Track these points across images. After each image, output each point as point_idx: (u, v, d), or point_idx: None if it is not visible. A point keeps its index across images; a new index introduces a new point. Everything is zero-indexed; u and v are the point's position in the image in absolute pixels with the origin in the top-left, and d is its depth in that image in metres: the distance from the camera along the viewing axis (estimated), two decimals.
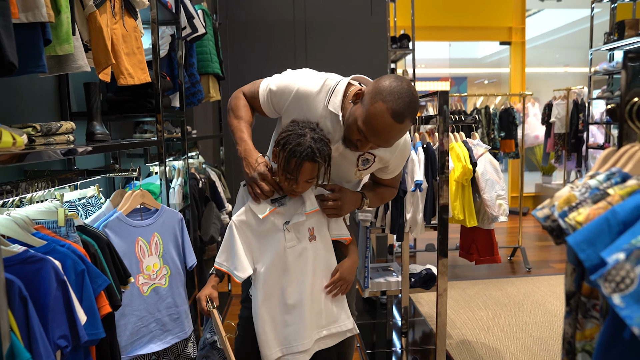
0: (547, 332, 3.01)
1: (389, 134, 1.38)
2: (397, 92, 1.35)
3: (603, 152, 0.94)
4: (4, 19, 0.95)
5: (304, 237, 1.53)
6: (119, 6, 1.73)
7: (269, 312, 1.52)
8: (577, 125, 5.25)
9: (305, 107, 1.55)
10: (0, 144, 0.95)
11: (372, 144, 1.43)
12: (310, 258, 1.53)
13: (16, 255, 1.06)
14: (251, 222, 1.52)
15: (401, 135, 1.44)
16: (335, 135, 1.54)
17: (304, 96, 1.54)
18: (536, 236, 5.51)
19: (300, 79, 1.57)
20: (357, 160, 1.60)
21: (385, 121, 1.34)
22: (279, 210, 1.52)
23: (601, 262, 0.72)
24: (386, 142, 1.42)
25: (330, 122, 1.54)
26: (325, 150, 1.45)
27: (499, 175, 2.40)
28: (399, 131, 1.39)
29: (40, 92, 1.89)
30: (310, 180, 1.47)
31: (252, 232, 1.52)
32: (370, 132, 1.38)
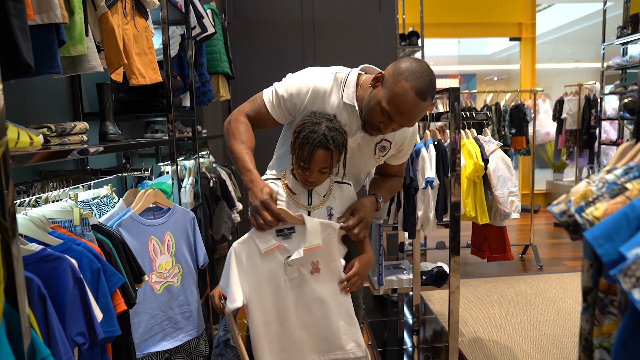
0: (560, 330, 2.99)
1: (414, 112, 1.42)
2: (419, 72, 1.40)
3: (620, 147, 0.93)
4: (20, 21, 0.96)
5: (306, 270, 1.49)
6: (130, 7, 1.74)
7: (267, 340, 1.48)
8: (589, 122, 5.20)
9: (321, 104, 1.57)
10: (18, 144, 0.96)
11: (396, 124, 1.47)
12: (311, 289, 1.50)
13: (34, 253, 1.08)
14: (252, 252, 1.47)
15: (424, 113, 1.47)
16: (352, 126, 1.58)
17: (320, 94, 1.57)
18: (548, 233, 5.46)
19: (311, 77, 1.59)
20: (375, 148, 1.65)
21: (410, 99, 1.39)
22: (283, 246, 1.48)
23: (620, 257, 0.71)
24: (410, 121, 1.46)
25: (347, 114, 1.57)
26: (339, 139, 1.44)
27: (510, 172, 2.38)
28: (423, 109, 1.43)
29: (53, 92, 1.91)
30: (323, 170, 1.45)
31: (251, 262, 1.47)
32: (395, 112, 1.42)
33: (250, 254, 1.47)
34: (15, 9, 0.96)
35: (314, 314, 1.51)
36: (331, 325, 1.51)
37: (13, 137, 0.96)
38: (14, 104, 1.63)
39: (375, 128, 1.51)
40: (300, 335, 1.50)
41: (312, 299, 1.50)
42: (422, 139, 2.36)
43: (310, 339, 1.51)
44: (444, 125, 2.85)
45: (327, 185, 1.58)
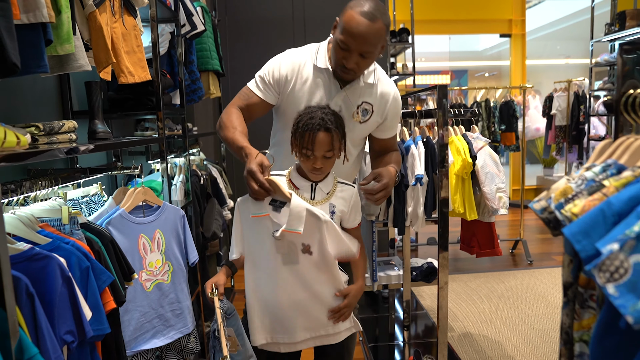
0: (548, 324, 3.03)
1: (365, 33, 1.48)
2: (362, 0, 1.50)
3: (599, 144, 0.95)
4: (6, 20, 0.96)
5: (297, 249, 1.47)
6: (118, 5, 1.73)
7: (259, 301, 1.51)
8: (578, 117, 5.25)
9: (299, 74, 1.66)
10: (5, 143, 0.96)
11: (355, 53, 1.51)
12: (304, 270, 1.48)
13: (22, 252, 1.08)
14: (246, 212, 1.49)
15: (378, 36, 1.50)
16: (331, 89, 1.65)
17: (296, 64, 1.67)
18: (537, 229, 5.52)
19: (287, 53, 1.73)
20: (356, 110, 1.67)
21: (358, 22, 1.47)
22: (271, 218, 1.45)
23: (596, 252, 0.73)
24: (365, 43, 1.50)
25: (322, 79, 1.65)
26: (337, 120, 1.47)
27: (498, 168, 2.41)
28: (375, 31, 1.48)
29: (41, 91, 1.90)
30: (328, 154, 1.46)
31: (246, 221, 1.49)
32: (349, 39, 1.49)
33: (246, 212, 1.49)
34: (1, 9, 0.96)
35: (305, 293, 1.50)
36: (322, 308, 1.52)
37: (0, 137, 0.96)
38: (2, 103, 1.63)
39: (341, 67, 1.56)
40: (291, 310, 1.50)
41: (304, 277, 1.48)
42: (411, 135, 2.38)
43: (301, 316, 1.51)
44: (433, 122, 2.87)
45: (331, 183, 1.55)
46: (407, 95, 3.94)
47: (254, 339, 1.53)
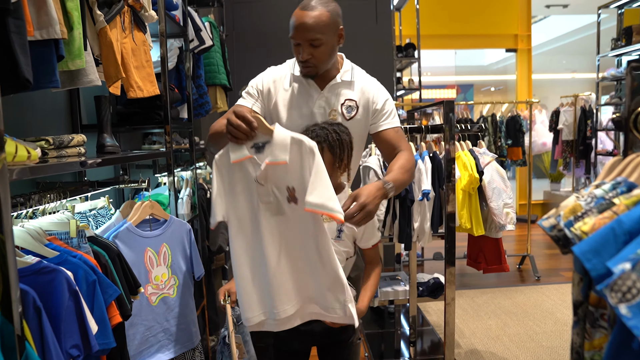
0: (557, 342, 2.98)
1: (304, 22, 1.54)
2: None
3: (609, 162, 0.94)
4: (20, 37, 0.98)
5: (282, 196, 1.33)
6: (128, 21, 1.76)
7: (250, 268, 1.36)
8: (585, 132, 5.23)
9: (280, 86, 1.70)
10: (16, 158, 0.97)
11: (302, 43, 1.57)
12: (290, 221, 1.34)
13: (30, 266, 1.08)
14: (226, 164, 1.33)
15: (320, 22, 1.54)
16: (312, 93, 1.68)
17: (277, 77, 1.72)
18: (545, 244, 5.47)
19: (270, 68, 1.77)
20: (341, 109, 1.68)
21: (297, 14, 1.56)
22: (255, 160, 1.31)
23: (607, 271, 0.72)
24: (305, 30, 1.54)
25: (301, 85, 1.69)
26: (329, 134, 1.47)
27: (505, 183, 2.40)
28: (313, 17, 1.54)
29: (51, 105, 1.92)
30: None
31: (228, 174, 1.34)
32: (293, 31, 1.57)
33: (226, 164, 1.33)
34: (16, 26, 0.98)
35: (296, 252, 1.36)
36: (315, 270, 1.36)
37: (11, 151, 0.97)
38: (12, 116, 1.65)
39: (300, 63, 1.62)
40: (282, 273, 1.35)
41: (292, 234, 1.35)
42: (418, 150, 2.38)
43: (293, 281, 1.36)
44: (440, 137, 2.87)
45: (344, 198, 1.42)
46: (413, 110, 3.95)
47: (248, 316, 1.37)
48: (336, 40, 1.62)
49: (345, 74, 1.71)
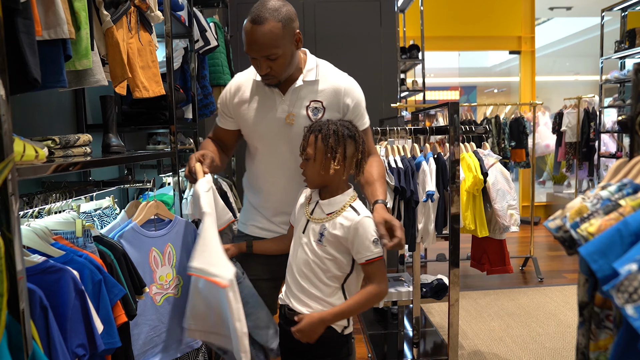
0: (560, 343, 2.98)
1: (255, 38, 1.47)
2: (257, 4, 1.49)
3: (614, 163, 0.94)
4: (29, 37, 0.99)
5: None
6: (135, 21, 1.77)
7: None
8: (588, 134, 5.23)
9: (244, 94, 1.68)
10: (24, 157, 0.98)
11: (258, 57, 1.51)
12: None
13: (37, 265, 1.09)
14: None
15: (272, 36, 1.47)
16: (275, 98, 1.64)
17: (240, 85, 1.70)
18: (548, 246, 5.46)
19: (233, 78, 1.76)
20: (306, 112, 1.63)
21: (248, 30, 1.48)
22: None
23: (613, 272, 0.73)
24: (260, 48, 1.48)
25: (265, 92, 1.65)
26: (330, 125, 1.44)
27: (509, 185, 2.40)
28: (265, 33, 1.46)
29: (57, 104, 1.93)
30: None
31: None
32: (247, 48, 1.51)
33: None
34: (24, 26, 0.99)
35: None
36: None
37: (19, 151, 0.98)
38: (19, 116, 1.66)
39: (260, 75, 1.58)
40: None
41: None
42: (422, 152, 2.38)
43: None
44: (444, 138, 2.87)
45: (339, 205, 1.47)
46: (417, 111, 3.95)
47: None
48: (294, 46, 1.55)
49: (309, 73, 1.64)
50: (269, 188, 1.73)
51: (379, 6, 4.30)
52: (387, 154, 2.32)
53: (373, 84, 4.13)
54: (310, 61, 1.67)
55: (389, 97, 4.26)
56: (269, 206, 1.75)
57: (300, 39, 1.57)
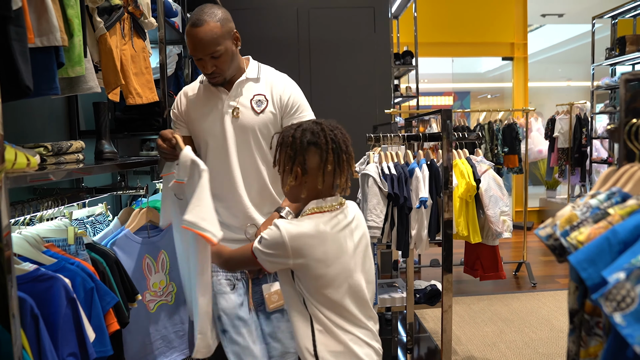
0: (553, 349, 2.99)
1: (198, 38, 1.59)
2: (195, 11, 1.63)
3: (604, 172, 0.95)
4: (21, 45, 0.98)
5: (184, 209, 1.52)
6: (128, 28, 1.77)
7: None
8: (580, 140, 5.27)
9: (192, 99, 1.78)
10: (16, 165, 0.98)
11: (202, 58, 1.62)
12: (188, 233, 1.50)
13: (28, 273, 1.08)
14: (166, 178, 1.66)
15: (212, 35, 1.59)
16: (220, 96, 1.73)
17: (189, 92, 1.80)
18: (541, 251, 5.48)
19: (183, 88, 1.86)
20: (250, 104, 1.72)
21: (189, 33, 1.61)
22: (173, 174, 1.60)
23: (602, 281, 0.73)
24: (203, 48, 1.60)
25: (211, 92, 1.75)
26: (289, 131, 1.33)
27: (502, 191, 2.41)
28: (205, 33, 1.59)
29: (49, 111, 1.93)
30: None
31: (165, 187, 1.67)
32: (191, 49, 1.63)
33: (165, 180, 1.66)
34: (17, 34, 0.99)
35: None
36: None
37: (10, 159, 0.97)
38: (11, 122, 1.65)
39: (207, 75, 1.69)
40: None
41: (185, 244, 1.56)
42: (416, 158, 2.39)
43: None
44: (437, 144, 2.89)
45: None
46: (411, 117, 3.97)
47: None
48: (233, 44, 1.68)
49: (251, 71, 1.77)
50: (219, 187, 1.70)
51: (372, 12, 4.33)
52: (380, 160, 2.33)
53: (367, 89, 4.15)
54: (252, 64, 1.81)
55: (383, 103, 4.28)
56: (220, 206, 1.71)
57: (238, 37, 1.71)
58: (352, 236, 1.33)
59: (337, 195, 1.35)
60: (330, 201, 1.31)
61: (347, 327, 1.29)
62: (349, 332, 1.29)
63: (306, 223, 1.27)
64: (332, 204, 1.31)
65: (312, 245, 1.25)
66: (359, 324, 1.32)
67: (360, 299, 1.33)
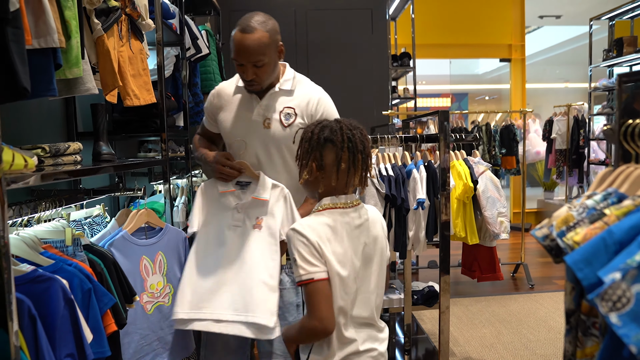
0: (550, 350, 2.99)
1: (246, 47, 1.59)
2: (245, 17, 1.62)
3: (600, 173, 0.96)
4: (18, 46, 0.98)
5: (250, 223, 1.67)
6: (125, 29, 1.77)
7: (198, 270, 1.66)
8: (578, 141, 5.28)
9: (225, 98, 1.80)
10: (13, 166, 0.98)
11: (245, 64, 1.63)
12: (249, 242, 1.63)
13: (25, 274, 1.08)
14: (213, 193, 1.73)
15: (260, 44, 1.59)
16: (252, 102, 1.75)
17: (223, 91, 1.82)
18: (539, 252, 5.49)
19: (218, 85, 1.88)
20: (279, 116, 1.73)
21: (237, 38, 1.60)
22: (237, 194, 1.71)
23: (598, 281, 0.74)
24: (249, 55, 1.60)
25: (244, 96, 1.77)
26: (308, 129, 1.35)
27: (499, 192, 2.42)
28: (254, 41, 1.58)
29: (48, 112, 1.93)
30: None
31: (209, 200, 1.73)
32: (236, 54, 1.62)
33: (211, 194, 1.74)
34: (14, 35, 0.99)
35: (242, 268, 1.62)
36: (252, 283, 1.59)
37: (8, 160, 0.98)
38: (9, 123, 1.65)
39: (245, 82, 1.69)
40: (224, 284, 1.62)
41: (246, 251, 1.63)
42: (413, 160, 2.40)
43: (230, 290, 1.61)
44: (435, 146, 2.89)
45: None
46: (408, 119, 3.98)
47: (176, 310, 1.63)
48: (277, 56, 1.69)
49: (286, 83, 1.76)
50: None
51: (370, 14, 4.34)
52: (377, 161, 2.33)
53: (364, 91, 4.16)
54: (288, 73, 1.79)
55: (381, 105, 4.28)
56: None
57: (283, 50, 1.71)
58: (363, 236, 1.31)
59: (353, 195, 1.35)
60: (344, 199, 1.32)
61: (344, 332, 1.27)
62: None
63: (318, 218, 1.28)
64: (346, 201, 1.32)
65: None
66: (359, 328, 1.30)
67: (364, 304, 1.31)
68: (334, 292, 1.23)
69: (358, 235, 1.30)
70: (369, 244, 1.32)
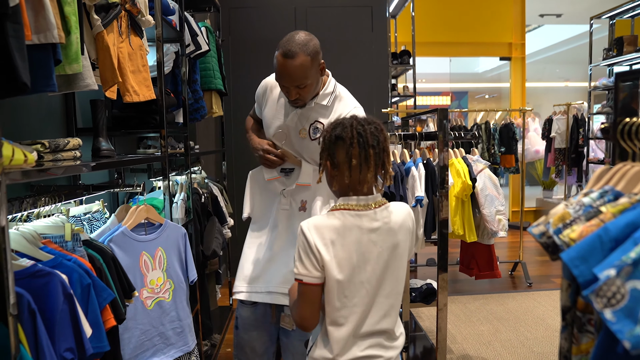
0: (548, 348, 3.00)
1: (287, 70, 1.61)
2: (287, 38, 1.63)
3: (597, 171, 0.97)
4: (18, 41, 0.99)
5: (296, 205, 1.80)
6: (125, 25, 1.77)
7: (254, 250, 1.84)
8: (577, 140, 5.29)
9: (269, 95, 1.86)
10: (13, 161, 0.98)
11: (289, 87, 1.66)
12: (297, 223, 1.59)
13: (25, 269, 1.09)
14: (260, 179, 1.88)
15: (303, 69, 1.60)
16: (289, 108, 1.79)
17: (268, 87, 1.88)
18: (537, 251, 5.50)
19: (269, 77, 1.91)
20: (309, 128, 1.78)
21: (280, 63, 1.61)
22: (282, 180, 1.83)
23: (594, 278, 0.74)
24: (292, 79, 1.62)
25: (284, 99, 1.80)
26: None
27: (498, 190, 2.42)
28: (296, 67, 1.60)
29: (47, 108, 1.93)
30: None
31: (259, 186, 1.89)
32: (279, 78, 1.66)
33: (259, 180, 1.88)
34: (14, 30, 0.99)
35: (291, 247, 1.72)
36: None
37: (8, 155, 0.98)
38: (8, 119, 1.65)
39: (288, 99, 1.72)
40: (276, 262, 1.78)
41: (294, 232, 1.75)
42: (412, 157, 2.40)
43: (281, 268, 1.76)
44: (433, 144, 2.90)
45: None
46: (408, 117, 3.98)
47: (236, 284, 1.82)
48: (319, 75, 1.70)
49: (324, 98, 1.77)
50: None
51: (370, 12, 4.34)
52: None
53: (364, 89, 4.16)
54: (330, 86, 1.79)
55: (380, 103, 4.29)
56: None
57: (324, 67, 1.72)
58: (379, 241, 1.26)
59: (372, 195, 1.29)
60: (356, 200, 1.26)
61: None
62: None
63: (327, 219, 1.25)
64: (359, 203, 1.26)
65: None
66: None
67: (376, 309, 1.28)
68: (330, 295, 1.23)
69: (372, 239, 1.25)
70: (385, 249, 1.26)
